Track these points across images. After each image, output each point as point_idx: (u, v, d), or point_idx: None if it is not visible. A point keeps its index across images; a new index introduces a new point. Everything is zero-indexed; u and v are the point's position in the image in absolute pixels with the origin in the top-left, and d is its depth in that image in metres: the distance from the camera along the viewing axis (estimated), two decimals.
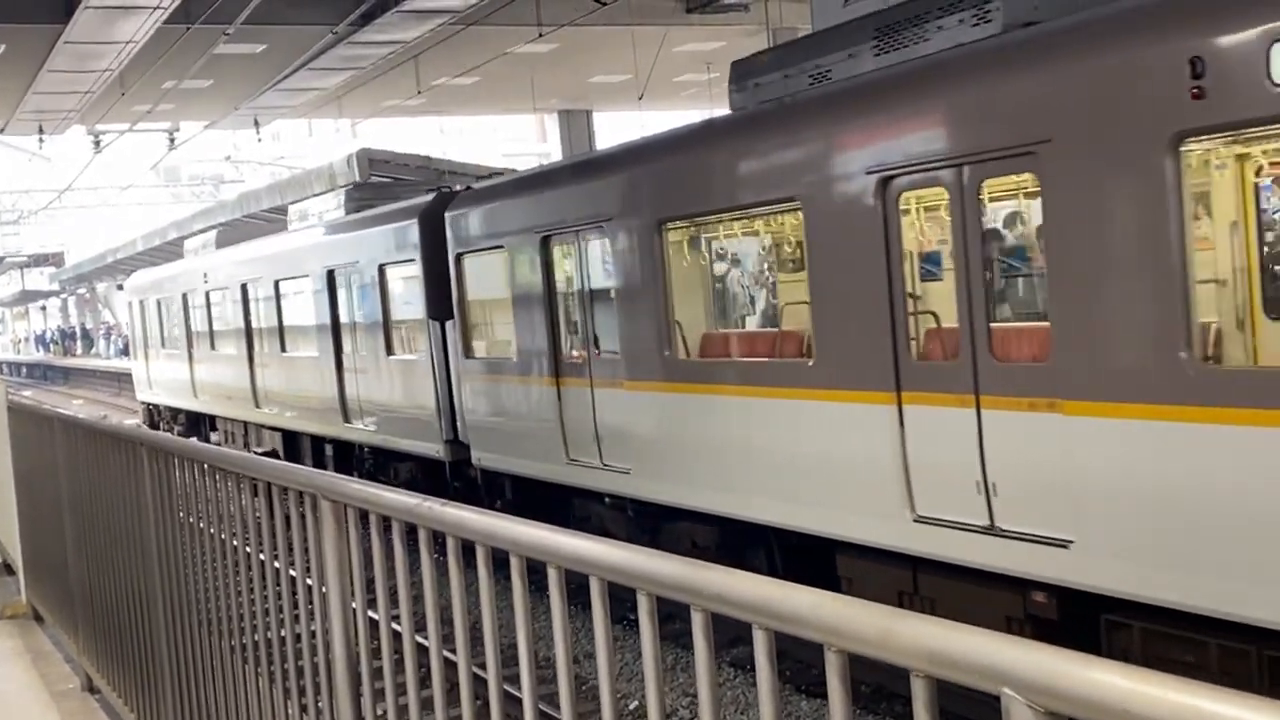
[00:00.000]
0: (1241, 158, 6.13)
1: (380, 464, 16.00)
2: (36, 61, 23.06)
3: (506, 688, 3.21)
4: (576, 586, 2.61)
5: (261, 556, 4.42)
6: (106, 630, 6.62)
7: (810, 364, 8.47)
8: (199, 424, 23.83)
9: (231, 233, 23.20)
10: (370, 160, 22.15)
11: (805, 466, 8.51)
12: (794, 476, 8.65)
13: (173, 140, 32.76)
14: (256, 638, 4.52)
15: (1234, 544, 5.87)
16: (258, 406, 19.50)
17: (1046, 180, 6.66)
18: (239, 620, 4.71)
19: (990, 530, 7.16)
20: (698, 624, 2.23)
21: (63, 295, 79.28)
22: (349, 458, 16.77)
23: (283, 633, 4.30)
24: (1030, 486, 6.90)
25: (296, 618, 4.20)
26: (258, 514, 4.41)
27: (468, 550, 3.04)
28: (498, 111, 37.60)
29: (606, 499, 11.29)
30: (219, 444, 21.10)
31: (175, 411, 25.38)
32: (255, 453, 17.82)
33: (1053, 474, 6.69)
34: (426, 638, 3.37)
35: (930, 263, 8.10)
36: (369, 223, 15.49)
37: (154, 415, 26.89)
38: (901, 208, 7.71)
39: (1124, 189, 6.24)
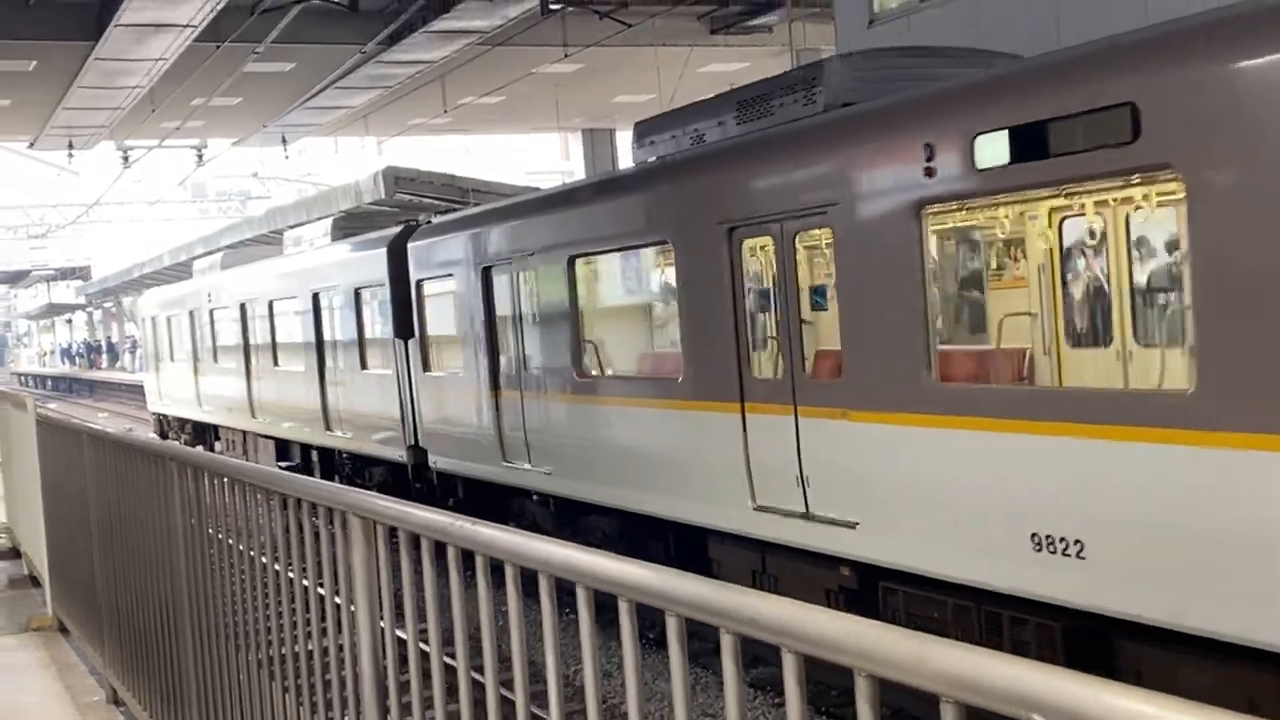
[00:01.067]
0: (960, 221, 7.95)
1: (357, 469, 17.30)
2: (67, 78, 23.31)
3: (533, 709, 3.23)
4: (599, 605, 2.64)
5: (291, 574, 4.46)
6: (132, 643, 6.66)
7: (679, 380, 9.84)
8: (204, 433, 25.15)
9: (235, 255, 24.50)
10: (396, 178, 22.24)
11: (680, 465, 9.87)
12: (673, 475, 9.94)
13: (201, 156, 33.01)
14: (283, 651, 4.55)
15: (964, 522, 7.20)
16: (254, 416, 20.95)
17: (836, 235, 8.15)
18: (265, 634, 4.74)
19: (806, 516, 8.51)
20: (727, 647, 2.25)
21: (88, 309, 79.82)
22: (331, 463, 18.14)
23: (310, 648, 4.33)
24: (831, 479, 8.26)
25: (324, 632, 4.23)
26: (286, 529, 4.45)
27: (496, 569, 3.06)
28: (523, 130, 37.78)
29: (534, 496, 12.61)
30: (222, 452, 22.49)
31: (183, 421, 26.71)
32: (281, 468, 17.97)
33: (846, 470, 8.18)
34: (454, 656, 3.39)
35: (763, 297, 9.24)
36: (347, 251, 17.05)
37: (164, 425, 28.27)
38: (746, 253, 9.13)
39: (888, 244, 7.72)
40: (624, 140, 35.81)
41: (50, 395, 61.93)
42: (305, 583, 4.38)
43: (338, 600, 4.08)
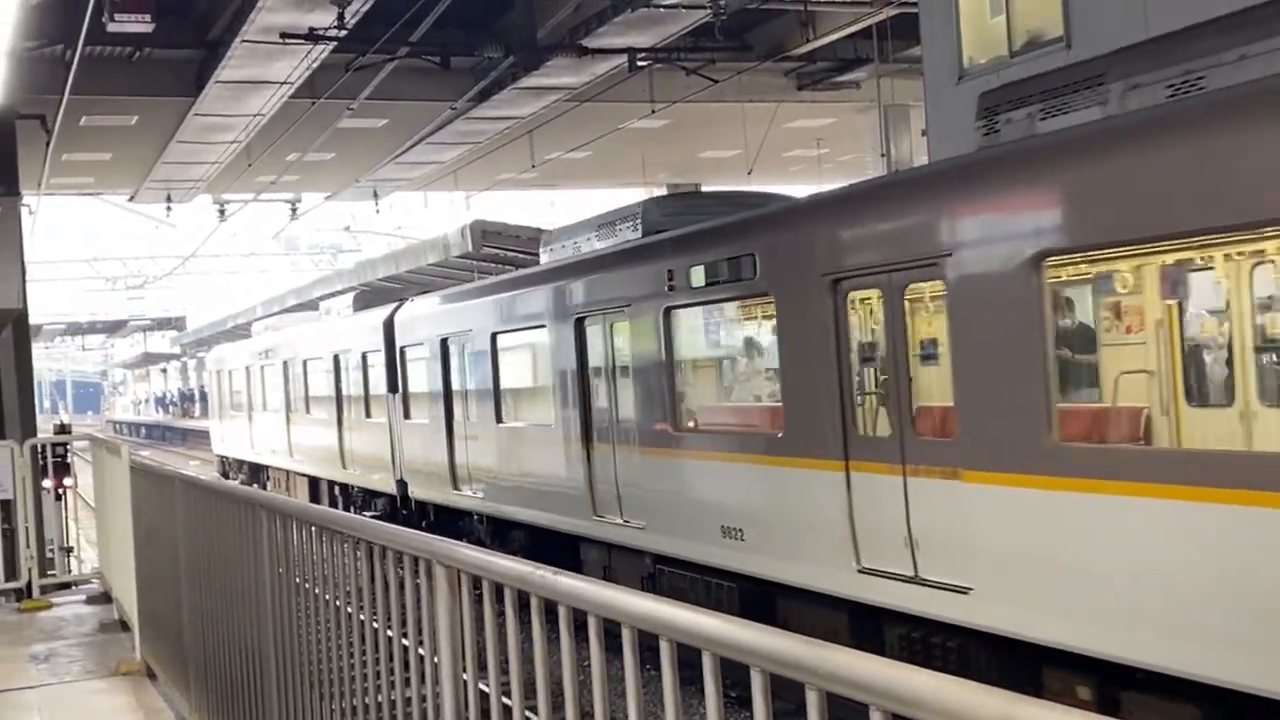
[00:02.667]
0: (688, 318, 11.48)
1: (365, 501, 20.65)
2: (167, 133, 23.94)
3: None
4: (683, 660, 2.61)
5: (375, 623, 4.47)
6: (218, 689, 6.72)
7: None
8: (257, 472, 29.00)
9: (284, 319, 28.78)
10: (483, 231, 22.51)
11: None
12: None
13: (294, 210, 33.67)
14: (366, 701, 4.56)
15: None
16: (290, 456, 25.08)
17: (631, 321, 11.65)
18: (349, 684, 4.75)
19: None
20: (813, 704, 2.21)
21: (183, 358, 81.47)
22: (347, 496, 21.79)
23: (392, 697, 4.34)
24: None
25: (407, 683, 4.24)
26: (371, 578, 4.47)
27: (580, 619, 3.05)
28: (608, 185, 38.06)
29: (475, 516, 16.03)
30: (270, 489, 26.09)
31: (239, 462, 30.56)
32: (366, 515, 18.34)
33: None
34: (536, 710, 3.37)
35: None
36: (360, 320, 20.62)
37: (225, 465, 32.51)
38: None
39: (644, 333, 11.55)
40: None
41: (144, 443, 63.18)
42: (390, 632, 4.39)
43: (421, 651, 4.08)
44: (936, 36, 15.68)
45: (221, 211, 33.07)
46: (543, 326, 13.55)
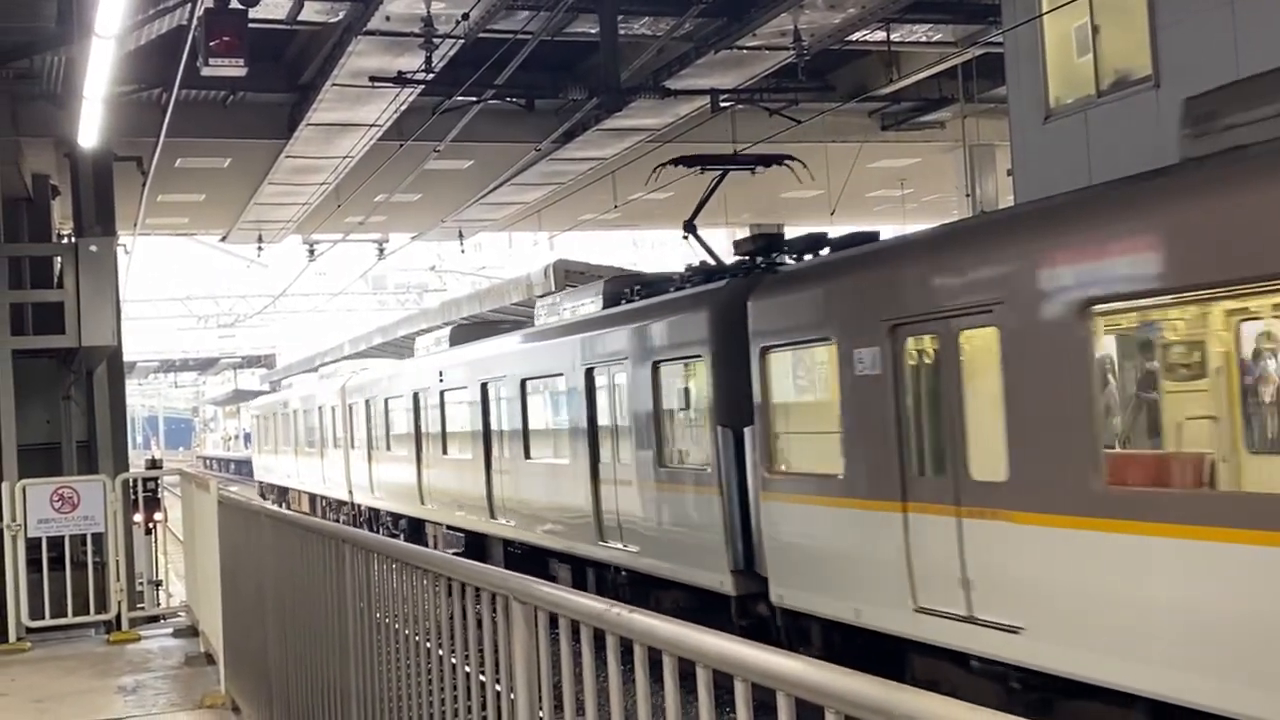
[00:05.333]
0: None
1: (379, 521, 25.30)
2: (259, 175, 24.44)
3: None
4: (758, 701, 2.59)
5: (454, 660, 4.50)
6: None
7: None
8: (285, 494, 36.30)
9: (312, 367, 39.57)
10: (566, 271, 22.69)
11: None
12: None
13: (381, 250, 34.15)
14: None
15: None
16: (323, 483, 30.46)
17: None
18: None
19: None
20: None
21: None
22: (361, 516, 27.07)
23: None
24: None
25: (484, 719, 4.25)
26: (450, 615, 4.50)
27: (656, 657, 3.04)
28: None
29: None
30: (307, 512, 30.72)
31: (275, 487, 38.29)
32: (450, 553, 18.58)
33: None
34: None
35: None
36: (411, 365, 23.50)
37: (263, 489, 40.29)
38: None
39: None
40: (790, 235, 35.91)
41: (233, 479, 64.16)
42: (467, 669, 4.42)
43: (498, 688, 4.09)
44: (1022, 76, 15.56)
45: (311, 251, 33.64)
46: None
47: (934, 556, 8.58)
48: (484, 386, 17.89)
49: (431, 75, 17.36)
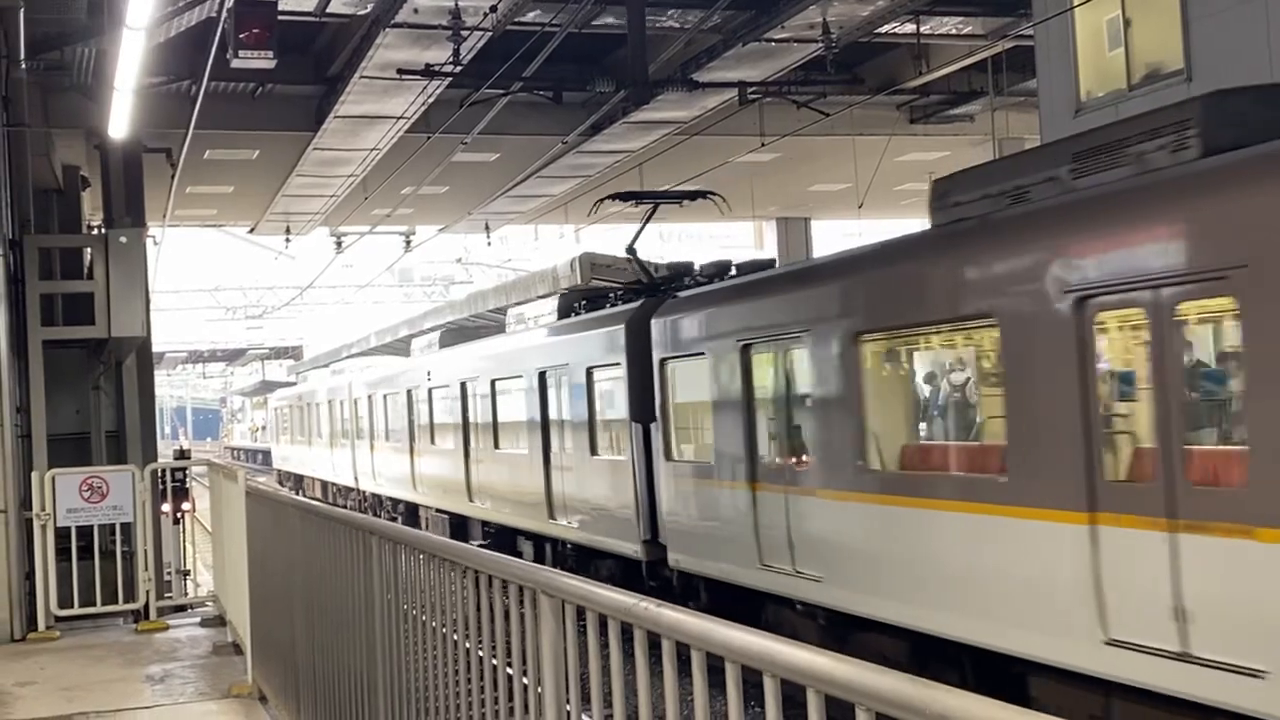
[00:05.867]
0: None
1: (381, 506, 27.37)
2: (287, 167, 24.53)
3: None
4: (788, 697, 2.58)
5: (481, 652, 4.50)
6: (328, 713, 6.80)
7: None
8: (299, 481, 39.50)
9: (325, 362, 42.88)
10: (592, 264, 22.71)
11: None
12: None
13: (408, 242, 34.23)
14: None
15: None
16: (334, 472, 33.07)
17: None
18: (454, 711, 4.78)
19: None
20: None
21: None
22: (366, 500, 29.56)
23: None
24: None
25: (511, 712, 4.25)
26: (478, 607, 4.50)
27: (684, 653, 3.03)
28: (717, 218, 38.12)
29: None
30: (319, 498, 32.93)
31: (291, 474, 41.43)
32: (473, 544, 18.71)
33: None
34: None
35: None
36: (406, 364, 25.99)
37: (281, 477, 43.40)
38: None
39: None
40: (818, 229, 35.79)
41: (260, 469, 64.43)
42: (494, 661, 4.41)
43: (525, 681, 4.09)
44: (1053, 69, 15.47)
45: (338, 243, 33.75)
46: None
47: (773, 524, 11.10)
48: (463, 385, 20.56)
49: (459, 68, 17.38)
